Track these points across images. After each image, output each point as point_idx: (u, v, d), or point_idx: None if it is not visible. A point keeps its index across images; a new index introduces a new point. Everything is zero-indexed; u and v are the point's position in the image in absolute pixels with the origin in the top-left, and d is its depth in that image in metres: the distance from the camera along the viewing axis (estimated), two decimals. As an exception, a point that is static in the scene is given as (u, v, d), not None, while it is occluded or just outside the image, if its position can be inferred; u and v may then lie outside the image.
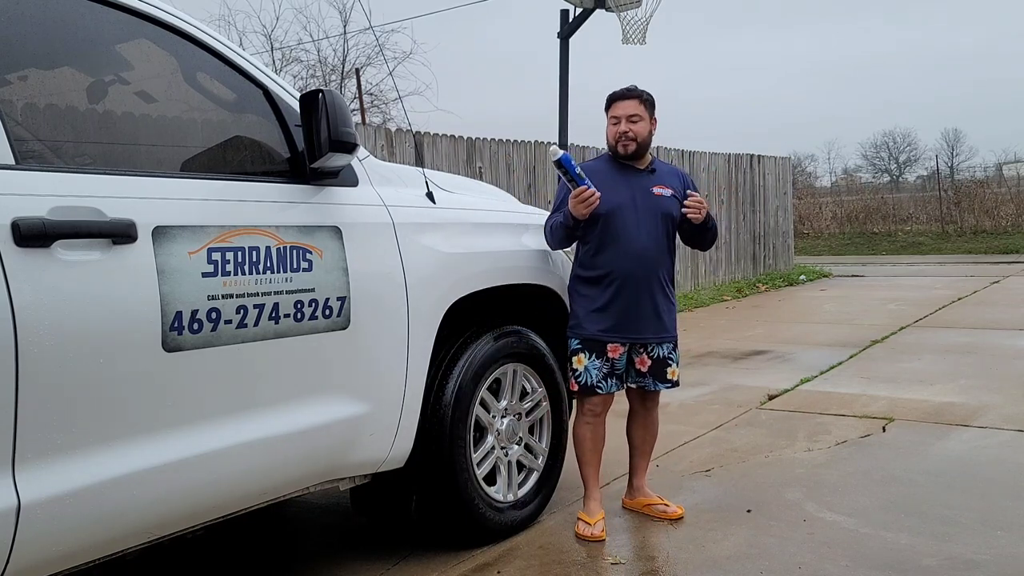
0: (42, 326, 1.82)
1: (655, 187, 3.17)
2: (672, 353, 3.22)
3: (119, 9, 2.17)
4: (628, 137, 3.15)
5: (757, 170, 13.31)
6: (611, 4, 7.90)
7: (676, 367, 3.24)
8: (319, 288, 2.40)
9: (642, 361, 3.19)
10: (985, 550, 2.87)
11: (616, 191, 3.12)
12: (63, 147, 2.15)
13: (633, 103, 3.17)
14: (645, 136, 3.18)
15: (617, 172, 3.20)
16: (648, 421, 3.38)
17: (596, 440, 3.24)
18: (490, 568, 2.91)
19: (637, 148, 3.16)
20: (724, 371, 6.23)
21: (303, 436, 2.41)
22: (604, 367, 3.15)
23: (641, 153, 3.19)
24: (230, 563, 3.14)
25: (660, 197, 3.16)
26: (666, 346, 3.20)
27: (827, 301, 10.37)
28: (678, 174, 3.34)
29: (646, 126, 3.18)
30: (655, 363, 3.19)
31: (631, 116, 3.15)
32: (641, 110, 3.17)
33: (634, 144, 3.15)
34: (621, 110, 3.16)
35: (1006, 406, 4.78)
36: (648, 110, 3.20)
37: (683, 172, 3.41)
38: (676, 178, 3.29)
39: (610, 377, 3.16)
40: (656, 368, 3.20)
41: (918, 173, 45.13)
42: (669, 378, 3.22)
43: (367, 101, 16.82)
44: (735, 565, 2.84)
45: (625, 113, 3.15)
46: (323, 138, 2.36)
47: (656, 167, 3.25)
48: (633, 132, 3.14)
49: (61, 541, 1.92)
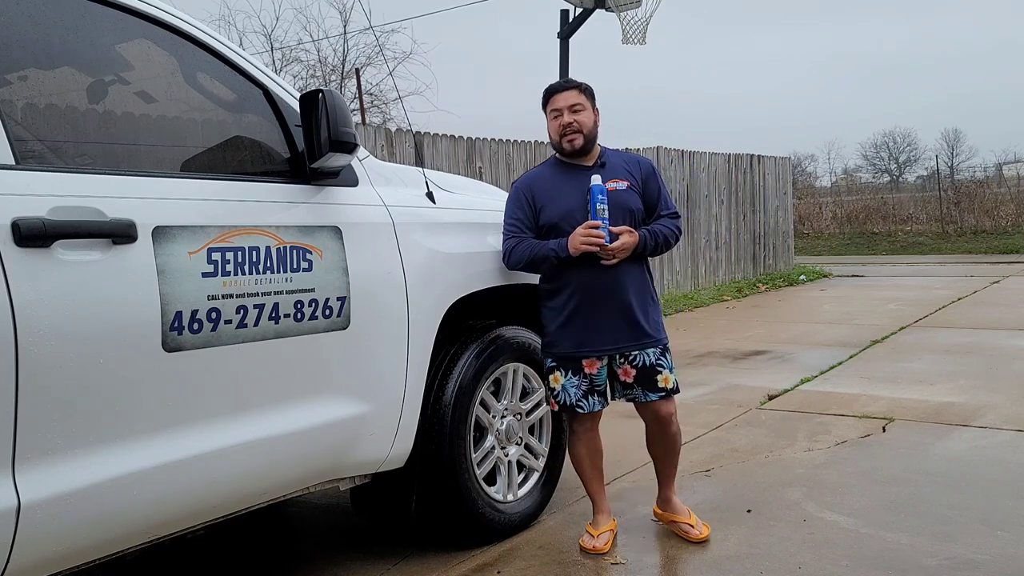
0: (42, 326, 1.82)
1: (608, 183, 2.89)
2: (661, 359, 2.95)
3: (119, 9, 2.17)
4: (573, 129, 2.91)
5: (757, 170, 13.31)
6: (611, 4, 7.90)
7: (669, 372, 2.96)
8: (319, 288, 2.40)
9: (625, 372, 2.95)
10: (985, 550, 2.87)
11: (564, 197, 2.92)
12: (63, 147, 2.15)
13: (573, 93, 2.95)
14: (591, 127, 2.95)
15: (563, 175, 2.98)
16: (665, 438, 3.08)
17: (593, 455, 3.09)
18: (490, 568, 2.91)
19: (584, 142, 2.93)
20: (724, 371, 6.23)
21: (303, 436, 2.41)
22: (583, 384, 2.95)
23: (588, 148, 2.96)
24: (230, 563, 3.14)
25: (614, 192, 2.90)
26: (651, 352, 2.93)
27: (827, 301, 10.37)
28: (635, 161, 3.06)
29: (590, 115, 2.96)
30: (641, 372, 2.94)
31: (573, 106, 2.92)
32: (582, 99, 2.95)
33: (580, 137, 2.92)
34: (561, 102, 2.93)
35: (1006, 406, 4.78)
36: (589, 100, 2.98)
37: (642, 159, 3.10)
38: (633, 166, 3.02)
39: (591, 395, 2.96)
40: (643, 377, 2.94)
41: (918, 173, 45.13)
42: (661, 386, 2.94)
43: (367, 101, 16.84)
44: (735, 565, 2.84)
45: (566, 104, 2.92)
46: (323, 138, 2.36)
47: (607, 159, 3.00)
48: (578, 123, 2.91)
49: (61, 541, 1.92)
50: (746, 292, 11.71)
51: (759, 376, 5.98)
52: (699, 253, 11.82)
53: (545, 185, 2.99)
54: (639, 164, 3.05)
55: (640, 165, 3.04)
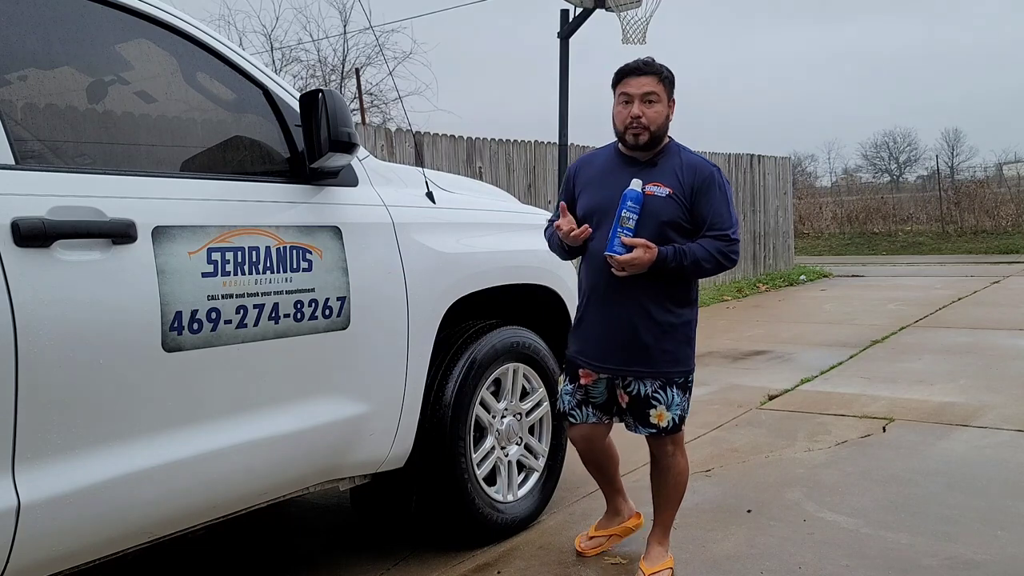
0: (42, 326, 1.82)
1: (648, 185, 2.57)
2: (659, 392, 2.63)
3: (119, 9, 2.17)
4: (640, 124, 2.56)
5: (757, 170, 13.31)
6: (611, 4, 7.89)
7: (665, 410, 2.63)
8: (319, 288, 2.40)
9: (621, 396, 2.71)
10: (985, 550, 2.87)
11: (601, 188, 2.65)
12: (63, 147, 2.15)
13: (651, 80, 2.58)
14: (661, 123, 2.59)
15: (613, 164, 2.69)
16: (658, 470, 2.79)
17: (596, 464, 2.95)
18: (490, 568, 2.91)
19: (650, 138, 2.59)
20: (724, 371, 6.23)
21: (303, 436, 2.41)
22: (577, 393, 2.77)
23: (654, 144, 2.62)
24: (230, 563, 3.14)
25: (651, 197, 2.56)
26: (649, 384, 2.63)
27: (827, 301, 10.37)
28: (693, 166, 2.63)
29: (663, 110, 2.59)
30: (633, 401, 2.67)
31: (647, 95, 2.56)
32: (660, 88, 2.58)
33: (647, 133, 2.57)
34: (635, 87, 2.57)
35: (1006, 406, 4.78)
36: (667, 90, 2.61)
37: (703, 165, 2.65)
38: (687, 172, 2.61)
39: (584, 406, 2.77)
40: (635, 407, 2.67)
41: (918, 173, 45.12)
42: (653, 423, 2.64)
43: (367, 101, 16.83)
44: (735, 565, 2.84)
45: (639, 91, 2.56)
46: (323, 138, 2.36)
47: (662, 159, 2.64)
48: (647, 118, 2.56)
49: (61, 541, 1.92)
50: (746, 292, 11.72)
51: (759, 376, 5.98)
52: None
53: (591, 171, 2.74)
54: (695, 171, 2.62)
55: (697, 171, 2.61)
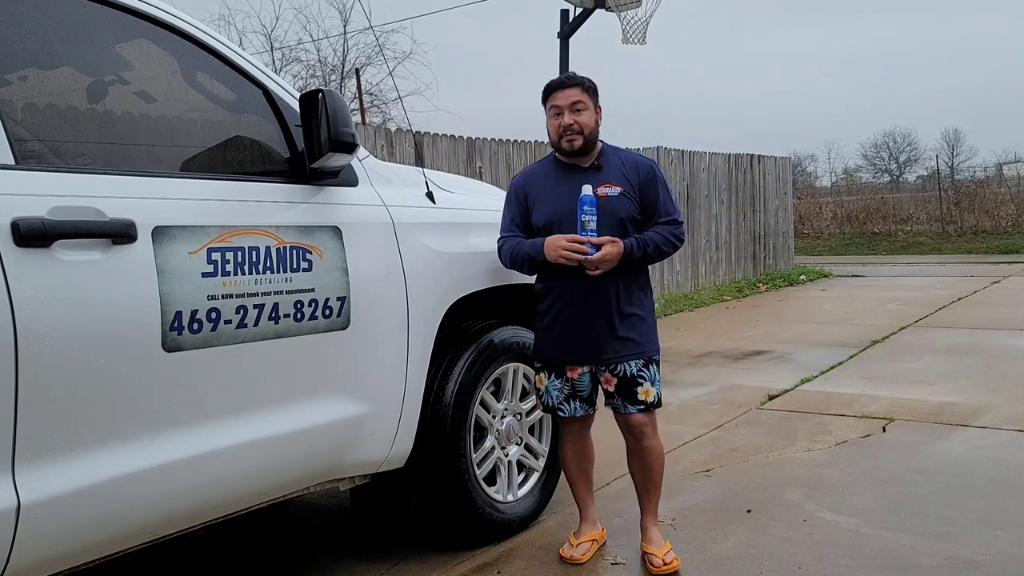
0: (42, 326, 1.82)
1: (600, 187, 2.79)
2: (643, 371, 2.84)
3: (119, 9, 2.17)
4: (573, 130, 2.81)
5: (757, 170, 13.31)
6: (611, 4, 7.90)
7: (650, 385, 2.85)
8: (319, 288, 2.40)
9: (607, 380, 2.87)
10: (985, 550, 2.87)
11: (555, 198, 2.85)
12: (63, 147, 2.15)
13: (575, 91, 2.83)
14: (592, 127, 2.84)
15: (558, 174, 2.90)
16: (641, 454, 2.94)
17: (579, 460, 3.05)
18: (490, 568, 2.91)
19: (584, 143, 2.83)
20: (724, 371, 6.23)
21: (303, 436, 2.41)
22: (565, 388, 2.91)
23: (588, 148, 2.86)
24: (230, 563, 3.14)
25: (604, 199, 2.78)
26: (633, 363, 2.83)
27: (827, 301, 10.37)
28: (635, 163, 2.90)
29: (591, 115, 2.85)
30: (621, 382, 2.84)
31: (574, 104, 2.81)
32: (585, 98, 2.84)
33: (580, 138, 2.82)
34: (562, 99, 2.82)
35: (1006, 406, 4.78)
36: (592, 98, 2.86)
37: (642, 161, 2.94)
38: (631, 169, 2.88)
39: (572, 399, 2.92)
40: (623, 388, 2.85)
41: (918, 173, 45.11)
42: (641, 399, 2.84)
43: (367, 101, 16.84)
44: (735, 565, 2.84)
45: (567, 102, 2.82)
46: (323, 138, 2.36)
47: (604, 162, 2.88)
48: (578, 124, 2.81)
49: (61, 541, 1.92)
50: (746, 292, 11.71)
51: (759, 376, 5.98)
52: (699, 253, 11.81)
53: (539, 183, 2.93)
54: (638, 167, 2.90)
55: (639, 168, 2.89)
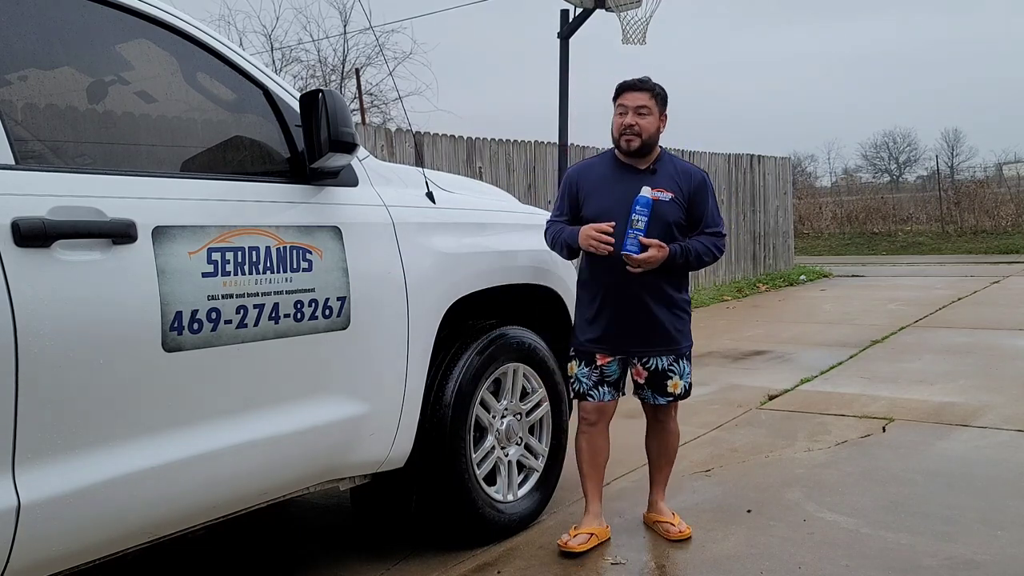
0: (42, 326, 1.82)
1: (653, 191, 2.92)
2: (674, 365, 3.03)
3: (119, 9, 2.17)
4: (633, 131, 2.92)
5: (757, 170, 13.32)
6: (611, 4, 7.88)
7: (679, 379, 3.04)
8: (319, 288, 2.40)
9: (638, 372, 3.05)
10: (985, 550, 2.87)
11: (607, 194, 2.97)
12: (63, 147, 2.15)
13: (644, 95, 2.95)
14: (652, 132, 2.95)
15: (614, 173, 3.02)
16: (661, 433, 3.18)
17: (594, 452, 3.10)
18: (490, 568, 2.91)
19: (641, 145, 2.94)
20: (724, 371, 6.23)
21: (303, 436, 2.41)
22: (593, 375, 3.03)
23: (646, 151, 2.97)
24: (230, 563, 3.14)
25: (656, 203, 2.90)
26: (666, 358, 3.02)
27: (827, 301, 10.37)
28: (688, 172, 3.05)
29: (654, 122, 2.95)
30: (652, 375, 3.03)
31: (639, 108, 2.93)
32: (651, 103, 2.95)
33: (638, 140, 2.93)
34: (630, 100, 2.94)
35: (1006, 406, 4.78)
36: (659, 105, 2.98)
37: (695, 171, 3.09)
38: (683, 177, 3.01)
39: (601, 385, 3.04)
40: (653, 380, 3.04)
41: (918, 173, 45.05)
42: (670, 391, 3.05)
43: (367, 101, 16.83)
44: (735, 565, 2.84)
45: (633, 104, 2.93)
46: (323, 138, 2.36)
47: (660, 167, 3.01)
48: (639, 126, 2.92)
49: (61, 541, 1.92)
50: (746, 292, 11.72)
51: (759, 376, 5.98)
52: (699, 253, 11.80)
53: (593, 178, 3.05)
54: (691, 176, 3.04)
55: (692, 177, 3.03)
